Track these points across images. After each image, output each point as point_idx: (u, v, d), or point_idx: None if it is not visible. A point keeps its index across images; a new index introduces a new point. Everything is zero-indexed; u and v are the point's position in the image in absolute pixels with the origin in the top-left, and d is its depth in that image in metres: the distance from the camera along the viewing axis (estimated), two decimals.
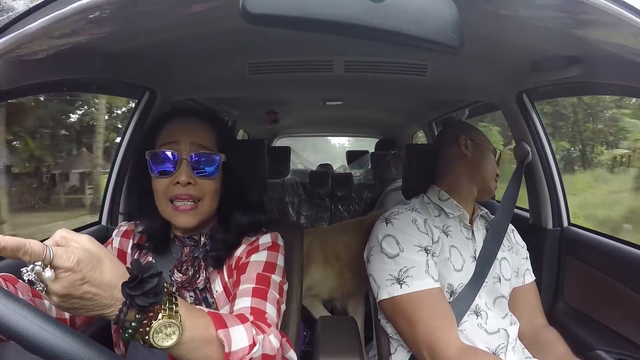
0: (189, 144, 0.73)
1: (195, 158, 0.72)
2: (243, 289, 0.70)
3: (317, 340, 0.98)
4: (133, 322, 0.46)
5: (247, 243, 0.78)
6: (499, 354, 0.88)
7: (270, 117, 2.40)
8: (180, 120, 0.77)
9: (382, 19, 0.43)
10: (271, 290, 0.71)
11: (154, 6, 0.62)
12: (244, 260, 0.75)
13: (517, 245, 1.07)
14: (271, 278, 0.72)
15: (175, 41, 0.91)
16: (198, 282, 0.77)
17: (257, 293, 0.69)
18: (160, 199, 0.73)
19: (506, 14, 0.60)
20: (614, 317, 1.08)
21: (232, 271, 0.76)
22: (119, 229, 0.85)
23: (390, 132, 3.29)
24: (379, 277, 0.91)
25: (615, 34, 0.59)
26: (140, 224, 0.81)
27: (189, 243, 0.79)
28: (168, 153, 0.72)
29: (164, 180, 0.72)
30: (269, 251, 0.76)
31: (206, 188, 0.73)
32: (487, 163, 1.02)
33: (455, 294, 0.91)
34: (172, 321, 0.48)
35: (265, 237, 0.79)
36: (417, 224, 0.93)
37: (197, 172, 0.72)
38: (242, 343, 0.55)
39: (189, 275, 0.77)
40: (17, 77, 0.71)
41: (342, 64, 1.19)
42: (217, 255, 0.76)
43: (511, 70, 1.13)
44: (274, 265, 0.75)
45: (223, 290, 0.76)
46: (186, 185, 0.71)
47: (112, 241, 0.84)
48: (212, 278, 0.78)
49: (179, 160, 0.72)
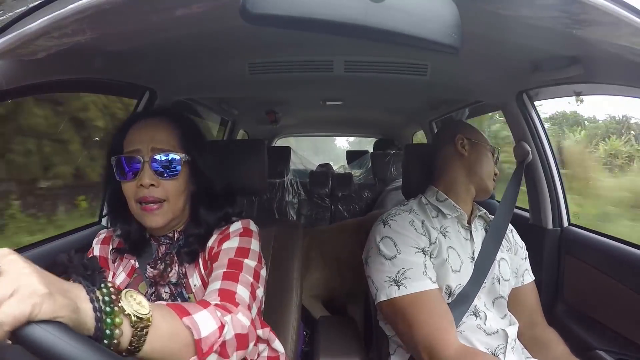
0: (149, 149, 0.75)
1: (156, 161, 0.74)
2: (214, 275, 0.71)
3: (317, 340, 0.98)
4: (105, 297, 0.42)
5: (217, 232, 0.79)
6: (498, 355, 0.88)
7: (270, 117, 2.40)
8: (142, 124, 0.78)
9: (382, 19, 0.43)
10: (243, 274, 0.71)
11: (154, 6, 0.62)
12: (216, 250, 0.76)
13: (516, 245, 1.07)
14: (244, 262, 0.73)
15: (175, 41, 0.91)
16: (170, 276, 0.78)
17: (228, 276, 0.69)
18: (130, 202, 0.76)
19: (506, 14, 0.60)
20: (614, 317, 1.08)
21: (207, 262, 0.78)
22: (98, 237, 0.87)
23: (390, 132, 3.29)
24: (377, 279, 0.90)
25: (615, 34, 0.59)
26: (116, 227, 0.83)
27: (165, 241, 0.81)
28: (130, 158, 0.75)
29: (130, 183, 0.75)
30: (241, 237, 0.77)
31: (170, 188, 0.75)
32: (484, 162, 1.01)
33: (453, 295, 0.91)
34: (133, 292, 0.46)
35: (235, 225, 0.80)
36: (415, 225, 0.93)
37: (159, 175, 0.74)
38: (210, 327, 0.54)
39: (160, 269, 0.79)
40: (17, 77, 0.71)
41: (342, 64, 1.19)
42: (189, 250, 0.78)
43: (511, 70, 1.13)
44: (247, 250, 0.75)
45: (201, 284, 0.77)
46: (149, 187, 0.73)
47: (92, 250, 0.86)
48: (190, 273, 0.79)
49: (141, 164, 0.74)
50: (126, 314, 0.43)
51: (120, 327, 0.42)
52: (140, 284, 0.80)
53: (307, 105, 2.35)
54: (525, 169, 1.24)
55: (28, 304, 0.35)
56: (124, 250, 0.82)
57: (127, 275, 0.81)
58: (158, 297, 0.78)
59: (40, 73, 0.77)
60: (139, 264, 0.81)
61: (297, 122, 3.17)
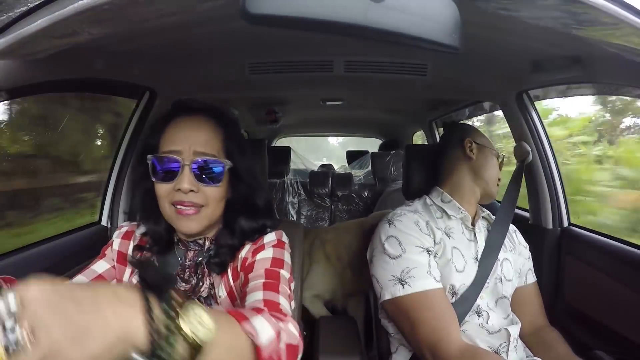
0: (191, 151, 0.69)
1: (197, 166, 0.69)
2: (253, 285, 0.67)
3: (317, 340, 0.98)
4: (167, 319, 0.38)
5: (250, 243, 0.76)
6: (500, 354, 0.88)
7: (270, 117, 2.40)
8: (183, 122, 0.73)
9: (382, 19, 0.43)
10: (282, 285, 0.68)
11: (154, 6, 0.62)
12: (250, 260, 0.73)
13: (520, 245, 1.07)
14: (280, 272, 0.70)
15: (175, 41, 0.91)
16: (202, 291, 0.74)
17: (269, 286, 0.66)
18: (163, 203, 0.71)
19: (506, 14, 0.60)
20: (614, 317, 1.08)
21: (238, 273, 0.74)
22: (119, 230, 0.83)
23: (390, 132, 3.29)
24: (381, 278, 0.91)
25: (615, 34, 0.59)
26: (142, 225, 0.79)
27: (194, 247, 0.77)
28: (169, 160, 0.69)
29: (166, 185, 0.70)
30: (275, 248, 0.74)
31: (210, 195, 0.70)
32: (490, 167, 1.02)
33: (457, 295, 0.92)
34: (195, 305, 0.41)
35: (269, 236, 0.76)
36: (420, 225, 0.94)
37: (200, 180, 0.69)
38: (267, 333, 0.51)
39: (192, 284, 0.74)
40: (17, 77, 0.71)
41: (342, 64, 1.19)
42: (220, 260, 0.74)
43: (511, 70, 1.13)
44: (282, 261, 0.73)
45: (227, 295, 0.74)
46: (188, 192, 0.69)
47: (112, 243, 0.82)
48: (216, 283, 0.75)
49: (181, 167, 0.69)
50: (185, 337, 0.39)
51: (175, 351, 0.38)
52: None
53: (307, 105, 2.36)
54: (525, 169, 1.24)
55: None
56: (146, 249, 0.78)
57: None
58: None
59: (40, 73, 0.77)
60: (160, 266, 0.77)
61: (297, 122, 3.17)
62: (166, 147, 0.71)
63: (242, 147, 0.77)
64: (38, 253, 1.04)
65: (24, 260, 0.98)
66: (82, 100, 1.70)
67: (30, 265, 0.99)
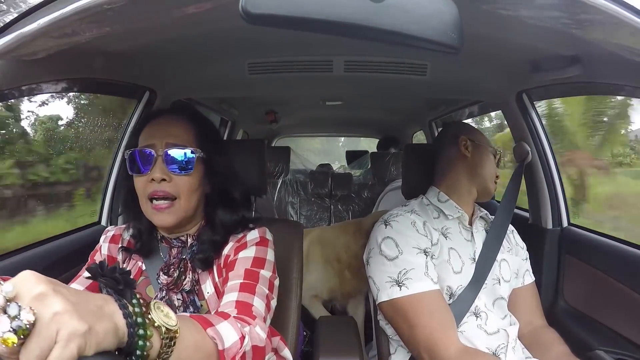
0: (164, 143, 0.73)
1: (169, 154, 0.72)
2: (230, 285, 0.69)
3: (317, 340, 0.98)
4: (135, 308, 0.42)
5: (234, 240, 0.77)
6: (499, 355, 0.88)
7: (270, 117, 2.40)
8: (158, 121, 0.77)
9: (382, 19, 0.43)
10: (259, 285, 0.70)
11: (154, 6, 0.62)
12: (232, 258, 0.75)
13: (517, 246, 1.07)
14: (260, 273, 0.72)
15: (175, 41, 0.91)
16: (184, 284, 0.76)
17: (245, 288, 0.68)
18: (142, 198, 0.74)
19: (506, 14, 0.60)
20: (614, 317, 1.08)
21: (222, 270, 0.76)
22: (106, 235, 0.85)
23: (390, 132, 3.29)
24: (378, 279, 0.90)
25: (615, 34, 0.59)
26: (129, 226, 0.82)
27: (176, 244, 0.79)
28: (143, 152, 0.73)
29: (141, 178, 0.73)
30: (257, 246, 0.76)
31: (182, 185, 0.73)
32: (486, 164, 1.01)
33: (454, 296, 0.91)
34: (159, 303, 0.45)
35: (252, 233, 0.78)
36: (417, 226, 0.93)
37: (172, 169, 0.72)
38: (232, 338, 0.54)
39: (174, 277, 0.76)
40: (17, 77, 0.71)
41: (342, 64, 1.19)
42: (204, 256, 0.76)
43: (511, 70, 1.13)
44: (263, 260, 0.74)
45: (214, 292, 0.76)
46: (161, 182, 0.71)
47: (100, 248, 0.83)
48: (203, 279, 0.77)
49: (154, 157, 0.72)
50: (156, 326, 0.43)
51: (150, 340, 0.42)
52: (148, 287, 0.79)
53: (307, 105, 2.35)
54: (525, 169, 1.24)
55: (73, 349, 0.33)
56: (132, 250, 0.80)
57: (134, 277, 0.79)
58: (170, 304, 0.76)
59: (40, 73, 0.77)
60: (145, 266, 0.79)
61: (297, 122, 3.17)
62: (142, 143, 0.75)
63: (215, 142, 0.80)
64: (38, 253, 1.04)
65: (24, 260, 0.98)
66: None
67: (30, 265, 0.98)
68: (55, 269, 1.03)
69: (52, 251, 1.08)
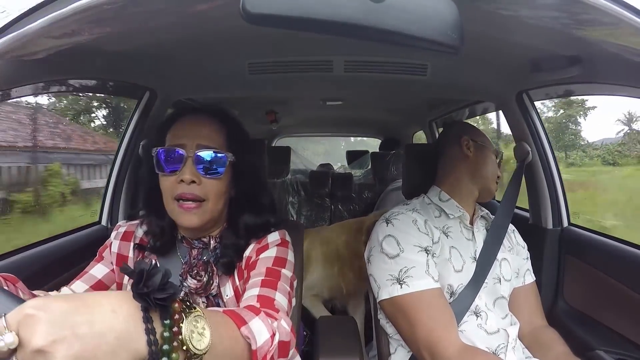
0: (195, 144, 0.72)
1: (200, 156, 0.71)
2: (252, 282, 0.69)
3: (317, 340, 0.98)
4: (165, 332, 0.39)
5: (255, 242, 0.77)
6: (499, 354, 0.88)
7: (270, 117, 2.40)
8: (188, 119, 0.76)
9: (382, 19, 0.42)
10: (281, 282, 0.69)
11: (154, 6, 0.62)
12: (253, 259, 0.74)
13: (518, 245, 1.07)
14: (281, 271, 0.71)
15: (175, 41, 0.91)
16: (212, 289, 0.75)
17: (266, 284, 0.67)
18: (167, 197, 0.72)
19: (506, 14, 0.60)
20: (614, 317, 1.08)
21: (243, 272, 0.75)
22: (117, 231, 0.82)
23: (390, 132, 3.29)
24: (379, 277, 0.91)
25: (615, 34, 0.59)
26: (146, 223, 0.80)
27: (198, 245, 0.77)
28: (174, 151, 0.71)
29: (169, 178, 0.71)
30: (278, 247, 0.75)
31: (211, 188, 0.72)
32: (488, 164, 1.02)
33: (455, 295, 0.91)
34: (197, 313, 0.42)
35: (273, 235, 0.77)
36: (418, 224, 0.93)
37: (202, 171, 0.71)
38: (264, 336, 0.53)
39: (203, 281, 0.75)
40: (17, 77, 0.71)
41: (342, 64, 1.19)
42: (227, 261, 0.75)
43: (511, 70, 1.13)
44: (284, 260, 0.74)
45: (234, 294, 0.75)
46: (190, 184, 0.70)
47: (110, 245, 0.81)
48: (222, 282, 0.76)
49: (185, 158, 0.71)
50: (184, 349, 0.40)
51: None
52: None
53: (307, 105, 2.35)
54: (525, 169, 1.24)
55: None
56: (147, 247, 0.78)
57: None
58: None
59: (40, 73, 0.77)
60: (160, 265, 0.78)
61: (297, 122, 3.17)
62: (171, 142, 0.73)
63: (245, 144, 0.79)
64: (38, 253, 1.04)
65: (24, 260, 0.98)
66: None
67: (30, 265, 0.99)
68: (55, 268, 1.03)
69: (52, 251, 1.08)
